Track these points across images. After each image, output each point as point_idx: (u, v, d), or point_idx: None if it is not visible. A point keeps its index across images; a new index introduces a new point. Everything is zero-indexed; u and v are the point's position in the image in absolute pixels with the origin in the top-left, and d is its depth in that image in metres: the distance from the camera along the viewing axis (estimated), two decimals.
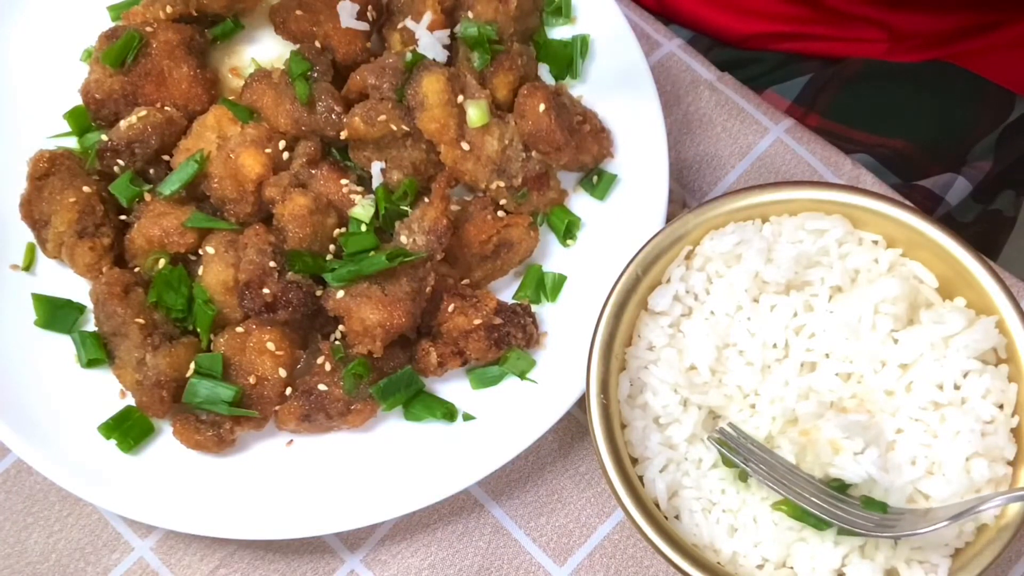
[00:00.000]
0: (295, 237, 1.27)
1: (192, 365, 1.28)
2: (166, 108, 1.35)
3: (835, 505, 1.10)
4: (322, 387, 1.27)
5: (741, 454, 1.13)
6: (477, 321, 1.28)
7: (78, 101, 1.38)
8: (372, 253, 1.27)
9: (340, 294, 1.25)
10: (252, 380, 1.27)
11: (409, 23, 1.35)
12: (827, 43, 1.69)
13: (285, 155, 1.32)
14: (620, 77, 1.39)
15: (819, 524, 1.12)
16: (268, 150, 1.31)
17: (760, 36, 1.70)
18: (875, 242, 1.22)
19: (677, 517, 1.17)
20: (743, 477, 1.16)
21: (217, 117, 1.34)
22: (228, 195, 1.31)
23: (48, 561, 1.31)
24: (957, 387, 1.16)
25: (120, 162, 1.32)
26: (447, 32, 1.36)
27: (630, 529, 1.31)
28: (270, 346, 1.27)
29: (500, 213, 1.33)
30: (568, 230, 1.36)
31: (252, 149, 1.30)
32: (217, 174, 1.31)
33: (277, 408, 1.28)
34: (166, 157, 1.35)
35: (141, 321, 1.27)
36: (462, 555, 1.32)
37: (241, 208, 1.31)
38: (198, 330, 1.30)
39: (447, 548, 1.32)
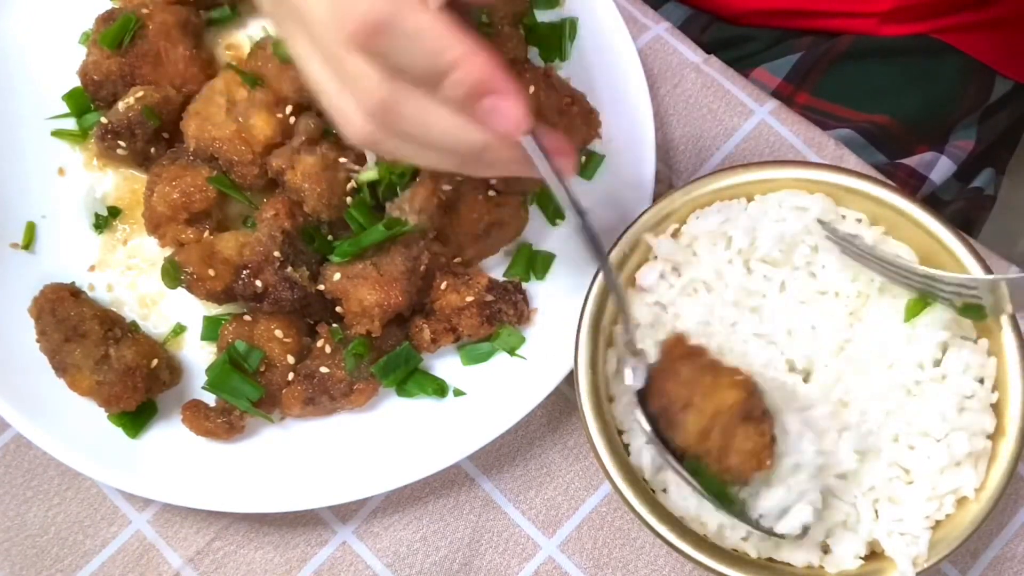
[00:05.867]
0: (312, 194, 1.28)
1: (213, 350, 1.30)
2: (162, 87, 1.35)
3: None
4: (323, 369, 1.28)
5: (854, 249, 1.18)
6: (469, 298, 1.30)
7: (77, 83, 1.39)
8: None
9: (337, 276, 1.27)
10: (262, 367, 1.28)
11: None
12: (822, 19, 1.69)
13: (292, 119, 1.32)
14: (608, 59, 1.40)
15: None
16: (279, 115, 1.32)
17: (757, 12, 1.71)
18: (859, 220, 1.24)
19: (664, 491, 1.19)
20: None
21: (226, 81, 1.34)
22: (236, 157, 1.31)
23: (47, 534, 1.33)
24: (937, 363, 1.18)
25: (121, 143, 1.33)
26: None
27: (617, 502, 1.32)
28: (278, 333, 1.29)
29: (491, 193, 1.34)
30: (556, 210, 1.38)
31: (263, 112, 1.31)
32: (226, 137, 1.31)
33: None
34: (166, 135, 1.36)
35: (100, 315, 1.28)
36: (453, 527, 1.33)
37: (249, 171, 1.32)
38: None
39: (438, 521, 1.33)
